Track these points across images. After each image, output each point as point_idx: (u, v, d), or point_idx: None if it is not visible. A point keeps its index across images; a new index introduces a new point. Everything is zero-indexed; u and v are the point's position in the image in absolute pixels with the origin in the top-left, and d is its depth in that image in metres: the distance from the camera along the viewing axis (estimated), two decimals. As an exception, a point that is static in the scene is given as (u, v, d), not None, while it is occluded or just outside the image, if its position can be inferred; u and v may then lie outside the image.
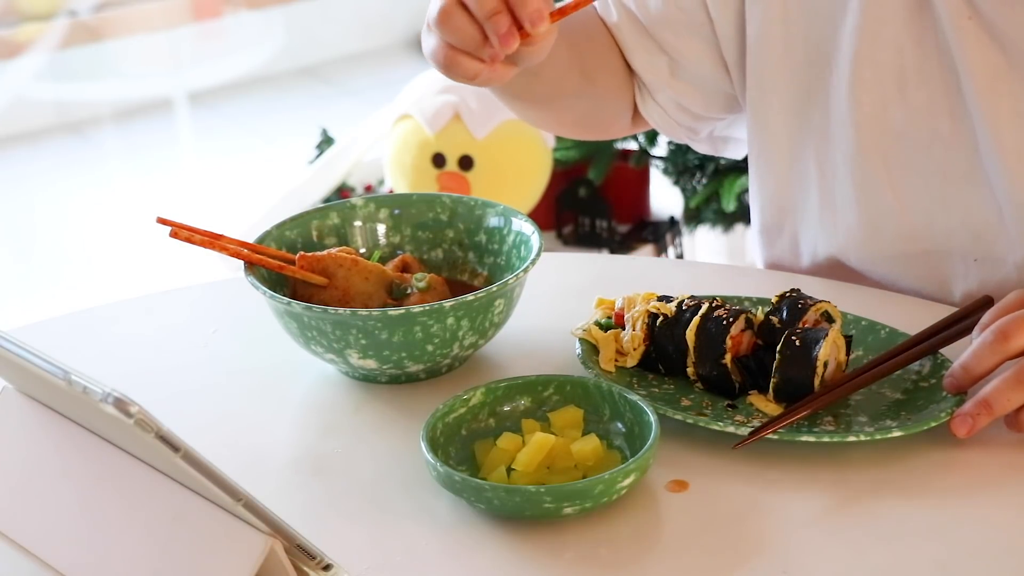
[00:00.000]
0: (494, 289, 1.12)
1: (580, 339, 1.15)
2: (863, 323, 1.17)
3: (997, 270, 1.23)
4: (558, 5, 1.11)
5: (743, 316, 1.11)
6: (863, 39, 1.22)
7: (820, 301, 1.13)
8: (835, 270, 1.31)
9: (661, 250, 2.83)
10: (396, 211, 1.27)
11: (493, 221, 1.24)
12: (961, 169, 1.22)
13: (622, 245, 2.81)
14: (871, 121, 1.24)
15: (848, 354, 1.11)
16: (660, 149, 2.79)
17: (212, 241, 1.14)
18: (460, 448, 1.05)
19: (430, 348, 1.12)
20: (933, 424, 1.04)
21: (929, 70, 1.21)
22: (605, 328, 1.16)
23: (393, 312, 1.09)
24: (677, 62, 1.34)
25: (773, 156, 1.31)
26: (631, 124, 1.43)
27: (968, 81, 1.18)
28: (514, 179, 2.68)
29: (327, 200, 2.80)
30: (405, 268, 1.21)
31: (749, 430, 1.04)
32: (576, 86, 1.34)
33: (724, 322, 1.10)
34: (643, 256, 2.76)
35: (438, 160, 2.65)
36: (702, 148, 1.45)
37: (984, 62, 1.18)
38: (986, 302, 1.15)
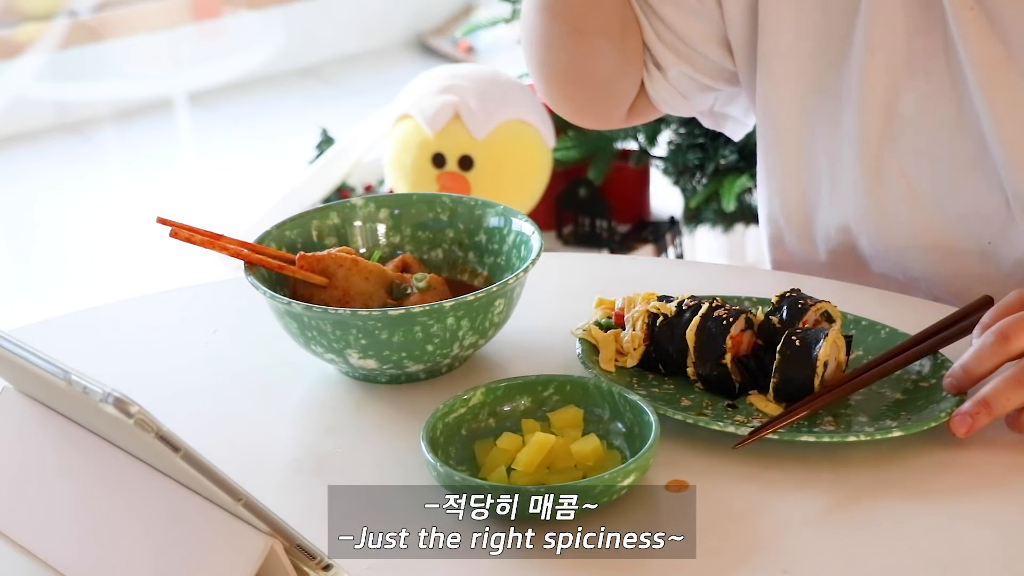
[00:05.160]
0: (494, 289, 1.11)
1: (580, 339, 1.15)
2: (863, 323, 1.17)
3: (1008, 256, 1.24)
4: None
5: (743, 316, 1.11)
6: (875, 27, 1.23)
7: (820, 301, 1.13)
8: (846, 259, 1.32)
9: (661, 250, 2.82)
10: (396, 211, 1.27)
11: (493, 221, 1.24)
12: (969, 156, 1.23)
13: (622, 245, 2.81)
14: (882, 107, 1.25)
15: (848, 354, 1.11)
16: (660, 149, 2.78)
17: (212, 241, 1.14)
18: (460, 448, 1.05)
19: (430, 348, 1.12)
20: (933, 424, 1.04)
21: (937, 58, 1.22)
22: (605, 328, 1.16)
23: (393, 312, 1.09)
24: (682, 40, 1.34)
25: (782, 148, 1.32)
26: (627, 114, 1.42)
27: (970, 71, 1.20)
28: (514, 179, 2.68)
29: (327, 200, 2.80)
30: (405, 268, 1.21)
31: (749, 430, 1.04)
32: (616, 33, 1.34)
33: (724, 322, 1.10)
34: (643, 256, 2.76)
35: (438, 160, 2.65)
36: (705, 122, 1.46)
37: (985, 52, 1.19)
38: (986, 302, 1.15)
